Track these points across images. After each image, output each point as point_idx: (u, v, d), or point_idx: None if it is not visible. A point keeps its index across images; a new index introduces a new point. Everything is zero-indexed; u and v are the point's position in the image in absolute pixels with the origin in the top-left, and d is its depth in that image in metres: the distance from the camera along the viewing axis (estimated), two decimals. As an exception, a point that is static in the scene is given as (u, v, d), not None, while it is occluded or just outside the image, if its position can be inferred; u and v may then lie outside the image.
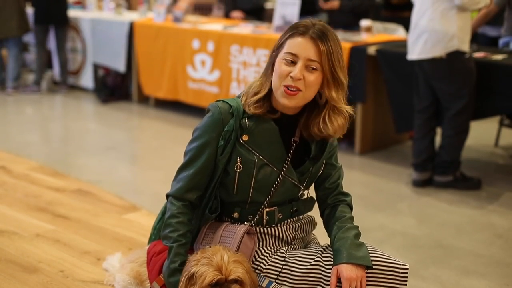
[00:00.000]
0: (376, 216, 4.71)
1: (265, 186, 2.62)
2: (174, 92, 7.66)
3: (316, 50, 2.46)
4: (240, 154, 2.59)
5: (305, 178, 2.66)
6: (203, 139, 2.61)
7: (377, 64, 5.94)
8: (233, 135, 2.59)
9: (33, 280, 3.37)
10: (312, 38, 2.46)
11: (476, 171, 5.64)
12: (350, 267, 2.45)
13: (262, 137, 2.59)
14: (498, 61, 5.26)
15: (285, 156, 2.62)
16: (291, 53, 2.47)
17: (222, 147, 2.60)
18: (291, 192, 2.67)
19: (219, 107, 2.61)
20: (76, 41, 8.82)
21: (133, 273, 2.95)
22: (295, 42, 2.48)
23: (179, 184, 2.64)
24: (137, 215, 4.37)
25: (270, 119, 2.59)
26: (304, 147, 2.66)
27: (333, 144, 2.71)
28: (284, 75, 2.47)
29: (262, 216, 2.67)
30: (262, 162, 2.58)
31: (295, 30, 2.50)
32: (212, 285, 2.46)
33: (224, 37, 7.07)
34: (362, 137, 6.18)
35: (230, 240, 2.61)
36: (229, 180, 2.63)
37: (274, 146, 2.60)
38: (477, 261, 4.02)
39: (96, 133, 7.15)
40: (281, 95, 2.50)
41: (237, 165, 2.59)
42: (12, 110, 7.99)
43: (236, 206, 2.68)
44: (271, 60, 2.57)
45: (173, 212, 2.63)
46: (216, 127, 2.60)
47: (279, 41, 2.55)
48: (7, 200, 4.57)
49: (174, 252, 2.58)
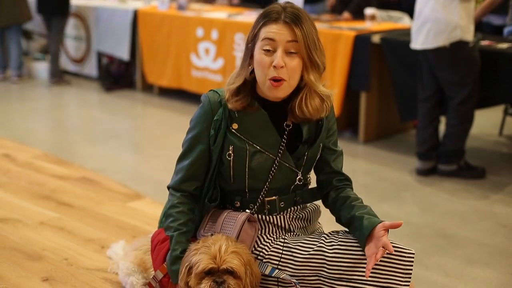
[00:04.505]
0: (379, 205, 4.70)
1: (261, 173, 2.61)
2: (178, 81, 7.65)
3: (292, 33, 2.46)
4: (232, 143, 2.59)
5: (301, 163, 2.65)
6: (196, 130, 2.64)
7: (382, 53, 5.92)
8: (223, 124, 2.60)
9: (37, 267, 3.38)
10: (286, 23, 2.47)
11: (480, 160, 5.63)
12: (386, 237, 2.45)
13: (252, 124, 2.59)
14: (503, 50, 5.24)
15: (279, 141, 2.61)
16: (268, 38, 2.47)
17: (213, 136, 2.61)
18: (289, 178, 2.66)
19: (209, 98, 2.63)
20: (80, 29, 8.81)
21: (137, 260, 2.95)
22: (270, 29, 2.48)
23: (177, 176, 2.68)
24: (141, 203, 4.38)
25: (258, 106, 2.59)
26: (298, 131, 2.65)
27: (332, 128, 2.71)
28: (266, 65, 2.47)
29: (263, 204, 2.67)
30: (254, 149, 2.59)
31: (267, 18, 2.50)
32: (206, 272, 2.47)
33: (228, 25, 7.05)
34: (366, 126, 6.17)
35: (230, 227, 2.62)
36: (224, 169, 2.64)
37: (266, 132, 2.60)
38: (480, 250, 4.02)
39: (100, 121, 7.15)
40: (268, 89, 2.51)
41: (229, 153, 2.60)
42: (16, 98, 7.99)
43: (237, 194, 2.69)
44: (248, 52, 2.57)
45: (173, 202, 2.66)
46: (207, 118, 2.62)
47: (253, 31, 2.55)
48: (11, 188, 4.58)
49: (175, 241, 2.60)
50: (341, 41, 6.04)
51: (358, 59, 5.99)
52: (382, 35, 5.97)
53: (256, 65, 2.52)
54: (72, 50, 8.99)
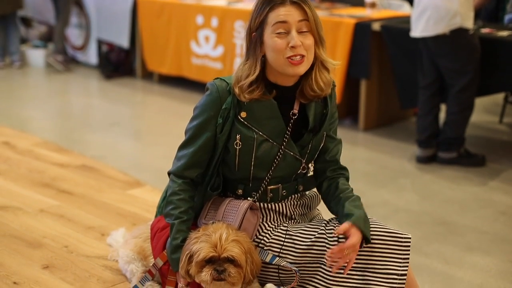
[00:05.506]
0: (379, 192, 4.71)
1: (266, 162, 2.62)
2: (177, 68, 7.64)
3: (301, 12, 2.49)
4: (239, 131, 2.59)
5: (306, 152, 2.66)
6: (202, 118, 2.62)
7: (382, 40, 5.91)
8: (231, 112, 2.59)
9: (37, 255, 3.38)
10: (293, 3, 2.49)
11: (480, 148, 5.62)
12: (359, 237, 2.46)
13: (260, 112, 2.59)
14: (504, 38, 5.23)
15: (284, 130, 2.61)
16: (280, 21, 2.48)
17: (221, 125, 2.60)
18: (293, 166, 2.66)
19: (217, 85, 2.62)
20: (80, 17, 8.79)
21: (137, 248, 2.96)
22: (279, 13, 2.49)
23: (179, 162, 2.66)
24: (141, 190, 4.38)
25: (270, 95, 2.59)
26: (303, 120, 2.66)
27: (333, 117, 2.72)
28: (283, 48, 2.48)
29: (266, 192, 2.68)
30: (261, 138, 2.59)
31: (273, 3, 2.50)
32: (206, 261, 2.48)
33: (228, 12, 7.04)
34: (366, 114, 6.17)
35: (233, 215, 2.62)
36: (230, 158, 2.63)
37: (273, 121, 2.60)
38: (480, 237, 4.03)
39: (100, 109, 7.14)
40: (287, 66, 2.50)
41: (237, 142, 2.60)
42: (16, 86, 7.97)
43: (239, 183, 2.69)
44: (256, 40, 2.55)
45: (174, 189, 2.65)
46: (214, 106, 2.60)
47: (257, 18, 2.54)
48: (11, 176, 4.58)
49: (176, 229, 2.60)
50: (341, 29, 6.03)
51: (358, 47, 5.97)
52: (382, 22, 5.96)
53: (270, 50, 2.52)
54: (72, 37, 8.97)
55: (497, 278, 3.55)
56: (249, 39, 2.59)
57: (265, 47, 2.53)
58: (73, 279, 3.13)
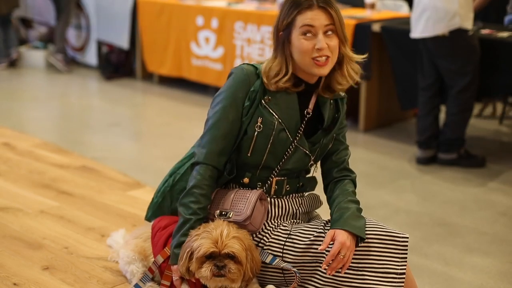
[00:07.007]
0: (379, 193, 4.71)
1: (279, 151, 2.66)
2: (178, 69, 7.64)
3: (328, 16, 2.57)
4: (262, 115, 2.64)
5: (316, 149, 2.71)
6: (229, 100, 2.65)
7: (382, 41, 5.91)
8: (258, 95, 2.64)
9: (38, 256, 3.38)
10: (321, 7, 2.57)
11: (480, 149, 5.63)
12: (346, 235, 2.50)
13: (282, 102, 2.65)
14: (504, 39, 5.22)
15: (299, 125, 2.67)
16: (309, 25, 2.56)
17: (247, 107, 2.65)
18: (302, 161, 2.71)
19: (245, 69, 2.68)
20: (80, 17, 8.79)
21: (137, 249, 2.96)
22: (307, 16, 2.57)
23: (206, 149, 2.65)
24: (141, 191, 4.38)
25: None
26: (316, 121, 2.72)
27: (343, 123, 2.79)
28: (309, 49, 2.57)
29: (271, 184, 2.71)
30: (281, 126, 2.64)
31: (301, 6, 2.57)
32: (207, 256, 2.49)
33: (228, 13, 7.04)
34: (366, 114, 6.17)
35: (243, 204, 2.63)
36: (245, 140, 2.66)
37: (292, 113, 2.66)
38: (480, 238, 4.03)
39: (100, 110, 7.14)
40: (312, 67, 2.59)
41: (258, 125, 2.63)
42: (16, 86, 7.97)
43: (247, 170, 2.71)
44: (283, 40, 2.62)
45: (198, 182, 2.64)
46: (243, 87, 2.66)
47: (285, 20, 2.61)
48: (11, 177, 4.58)
49: (190, 226, 2.61)
50: (341, 30, 6.02)
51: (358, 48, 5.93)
52: (382, 23, 5.96)
53: (296, 51, 2.60)
54: (72, 38, 8.97)
55: (496, 279, 3.55)
56: (276, 37, 2.66)
57: (292, 47, 2.61)
58: (73, 280, 3.14)
